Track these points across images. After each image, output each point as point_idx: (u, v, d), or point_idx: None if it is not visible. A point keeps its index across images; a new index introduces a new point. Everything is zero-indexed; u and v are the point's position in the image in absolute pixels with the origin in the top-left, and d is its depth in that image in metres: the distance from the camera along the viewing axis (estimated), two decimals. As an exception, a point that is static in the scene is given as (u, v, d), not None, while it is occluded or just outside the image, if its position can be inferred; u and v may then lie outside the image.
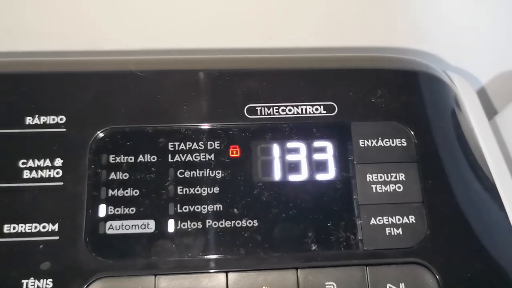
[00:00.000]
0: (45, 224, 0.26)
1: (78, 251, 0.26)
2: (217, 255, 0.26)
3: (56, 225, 0.26)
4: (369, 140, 0.28)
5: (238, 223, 0.27)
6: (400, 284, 0.26)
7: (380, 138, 0.29)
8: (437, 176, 0.28)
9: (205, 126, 0.28)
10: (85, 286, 0.25)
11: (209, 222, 0.27)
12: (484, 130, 0.32)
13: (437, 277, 0.26)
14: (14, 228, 0.26)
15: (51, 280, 0.25)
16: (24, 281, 0.25)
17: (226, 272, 0.26)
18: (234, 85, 0.29)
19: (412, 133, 0.29)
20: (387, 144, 0.29)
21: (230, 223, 0.27)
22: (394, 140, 0.29)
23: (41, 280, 0.25)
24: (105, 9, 0.32)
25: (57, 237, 0.26)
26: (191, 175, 0.27)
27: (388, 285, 0.26)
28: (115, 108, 0.28)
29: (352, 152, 0.28)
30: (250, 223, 0.27)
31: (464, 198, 0.28)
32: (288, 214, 0.27)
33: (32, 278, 0.25)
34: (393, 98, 0.30)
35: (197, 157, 0.28)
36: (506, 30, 0.37)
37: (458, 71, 0.36)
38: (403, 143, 0.29)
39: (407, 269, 0.26)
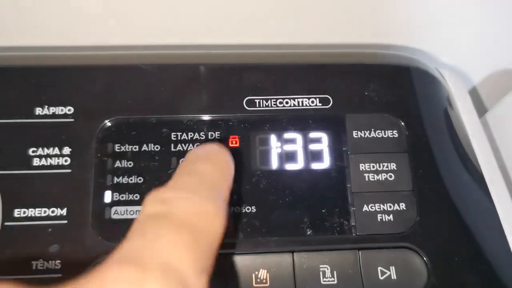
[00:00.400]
0: (54, 208, 0.27)
1: (85, 235, 0.27)
2: (217, 239, 0.27)
3: (65, 210, 0.27)
4: (362, 132, 0.30)
5: (237, 209, 0.28)
6: (391, 267, 0.27)
7: (373, 129, 0.30)
8: (427, 166, 0.29)
9: (206, 117, 0.30)
10: (92, 267, 0.26)
11: (209, 208, 0.28)
12: (474, 123, 0.33)
13: (426, 261, 0.27)
14: (24, 212, 0.27)
15: (59, 261, 0.26)
16: (34, 263, 0.26)
17: (225, 255, 0.27)
18: (234, 79, 0.31)
19: (403, 125, 0.30)
20: (379, 135, 0.30)
21: (229, 209, 0.28)
22: (386, 131, 0.30)
23: (50, 262, 0.26)
24: (111, 6, 0.33)
25: (65, 221, 0.27)
26: (193, 164, 0.29)
27: (379, 268, 0.27)
28: (121, 100, 0.29)
29: (346, 142, 0.30)
30: (248, 209, 0.28)
31: (452, 187, 0.29)
32: (284, 201, 0.28)
33: (41, 259, 0.26)
34: (386, 92, 0.31)
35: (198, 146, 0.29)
36: (498, 30, 0.39)
37: (450, 70, 0.37)
38: (395, 135, 0.30)
39: (398, 253, 0.27)
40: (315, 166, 0.29)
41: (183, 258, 0.17)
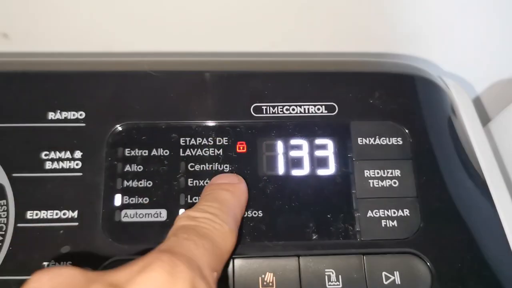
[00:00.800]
0: (66, 211, 0.28)
1: (95, 237, 0.28)
2: (224, 242, 0.28)
3: (76, 212, 0.28)
4: (367, 139, 0.30)
5: (244, 214, 0.28)
6: (395, 272, 0.27)
7: (377, 136, 0.30)
8: (431, 173, 0.30)
9: (214, 123, 0.30)
10: (101, 268, 0.27)
11: (217, 212, 0.28)
12: (477, 131, 0.34)
13: (430, 266, 0.28)
14: (36, 214, 0.28)
15: (70, 262, 0.27)
16: (45, 263, 0.27)
17: (233, 258, 0.27)
18: (241, 86, 0.31)
19: (408, 132, 0.31)
20: (384, 142, 0.30)
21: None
22: (391, 138, 0.30)
23: (61, 263, 0.27)
24: (122, 15, 0.34)
25: (76, 223, 0.28)
26: (201, 169, 0.29)
27: (384, 273, 0.27)
28: (131, 105, 0.30)
29: (351, 149, 0.30)
30: (255, 213, 0.29)
31: (455, 194, 0.30)
32: (290, 206, 0.29)
33: (53, 260, 0.27)
34: (390, 100, 0.31)
35: (206, 152, 0.30)
36: (501, 41, 0.39)
37: (453, 79, 0.37)
38: (399, 142, 0.30)
39: (402, 259, 0.28)
40: (321, 172, 0.30)
41: (202, 257, 0.22)
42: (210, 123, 0.30)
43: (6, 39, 0.37)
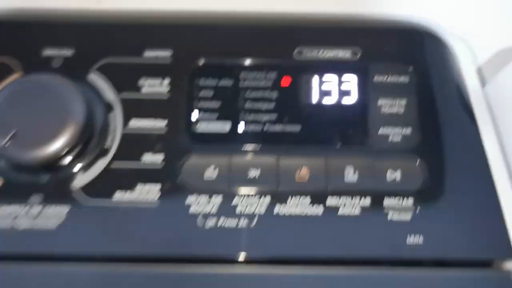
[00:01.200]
0: (158, 121, 0.39)
1: (178, 140, 0.38)
2: (272, 146, 0.38)
3: (165, 122, 0.39)
4: (382, 76, 0.40)
5: (287, 127, 0.39)
6: (397, 169, 0.37)
7: (390, 75, 0.40)
8: (430, 102, 0.39)
9: (266, 62, 0.40)
10: (184, 160, 0.38)
11: (266, 126, 0.39)
12: (472, 77, 0.42)
13: (423, 167, 0.37)
14: (137, 122, 0.39)
15: (163, 153, 0.38)
16: (146, 153, 0.38)
17: (278, 156, 0.38)
18: (288, 34, 0.41)
19: (414, 72, 0.40)
20: (395, 80, 0.40)
21: (281, 127, 0.39)
22: (400, 76, 0.40)
23: (156, 154, 0.38)
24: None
25: (165, 130, 0.38)
26: (256, 96, 0.40)
27: (389, 170, 0.37)
28: (206, 47, 0.41)
29: (369, 83, 0.40)
30: (295, 127, 0.38)
31: (448, 118, 0.39)
32: (322, 123, 0.39)
33: (151, 152, 0.38)
34: (403, 47, 0.41)
35: (260, 83, 0.40)
36: (506, 9, 0.46)
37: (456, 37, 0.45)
38: (406, 80, 0.40)
39: (403, 161, 0.37)
40: (345, 100, 0.39)
41: None
42: (263, 61, 0.40)
43: (98, 4, 0.47)
